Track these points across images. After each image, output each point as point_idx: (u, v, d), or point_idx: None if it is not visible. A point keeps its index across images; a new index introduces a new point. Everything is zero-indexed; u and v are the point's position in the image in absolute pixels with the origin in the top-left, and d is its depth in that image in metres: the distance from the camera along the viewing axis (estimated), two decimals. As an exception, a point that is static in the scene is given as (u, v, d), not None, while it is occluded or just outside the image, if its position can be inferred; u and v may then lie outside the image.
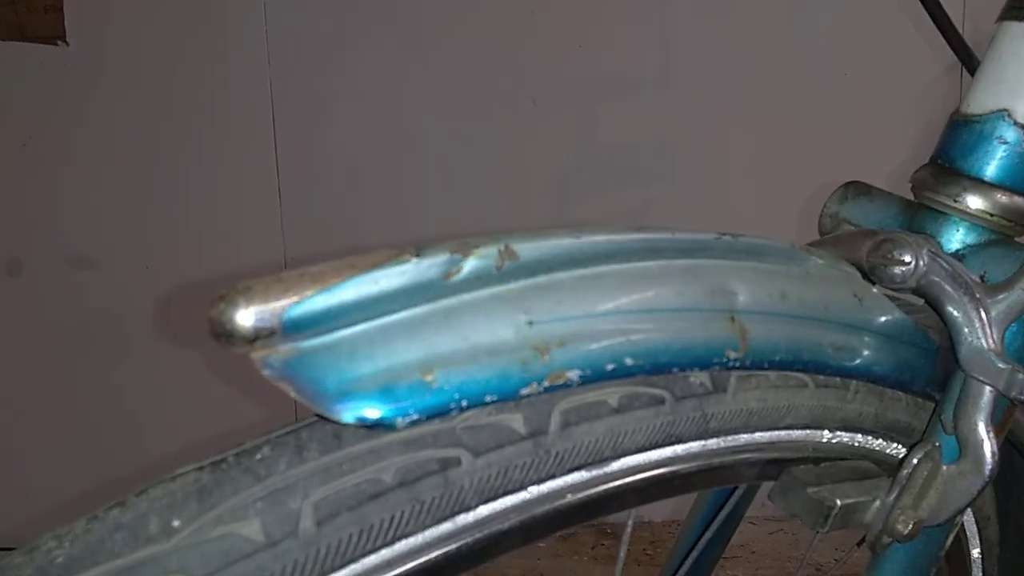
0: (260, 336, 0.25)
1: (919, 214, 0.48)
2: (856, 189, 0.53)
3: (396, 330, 0.28)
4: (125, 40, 1.56)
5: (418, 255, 0.28)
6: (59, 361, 1.65)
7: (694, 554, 0.52)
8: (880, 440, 0.49)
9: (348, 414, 0.27)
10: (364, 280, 0.27)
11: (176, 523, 0.27)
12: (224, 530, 0.27)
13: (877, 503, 0.44)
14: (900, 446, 0.50)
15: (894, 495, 0.43)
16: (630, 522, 0.42)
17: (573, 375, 0.31)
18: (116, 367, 1.65)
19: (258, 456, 0.29)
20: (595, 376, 0.31)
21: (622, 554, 0.43)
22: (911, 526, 0.43)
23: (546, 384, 0.30)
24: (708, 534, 0.52)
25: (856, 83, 1.66)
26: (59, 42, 1.55)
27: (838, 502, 0.42)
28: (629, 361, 0.32)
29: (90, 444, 1.66)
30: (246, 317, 0.25)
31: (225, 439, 0.30)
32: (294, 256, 1.63)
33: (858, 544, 0.46)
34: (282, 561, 0.28)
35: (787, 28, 1.64)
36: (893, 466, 0.46)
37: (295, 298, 0.26)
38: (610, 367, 0.32)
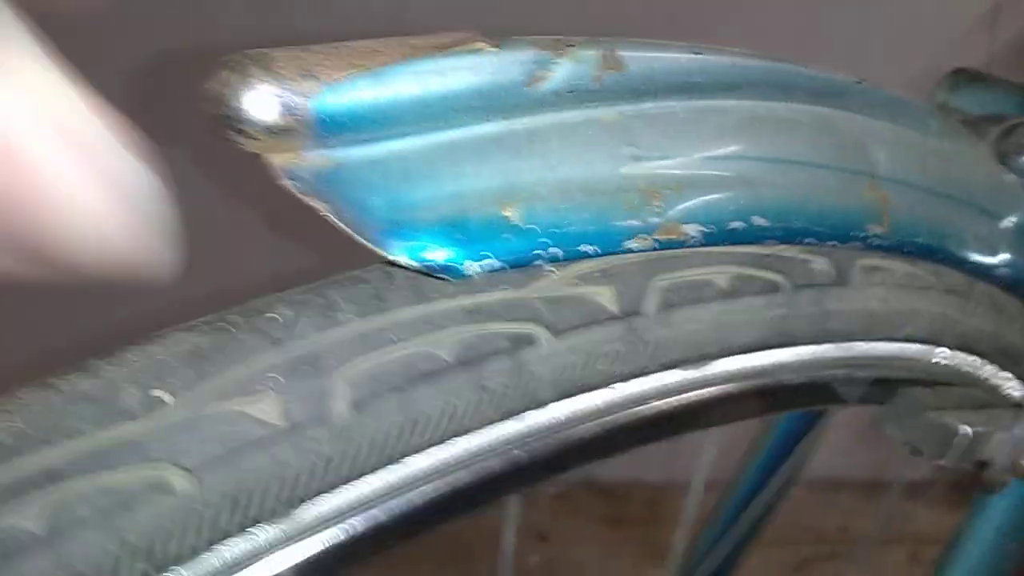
0: (284, 128, 0.18)
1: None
2: (968, 76, 0.46)
3: (465, 147, 0.21)
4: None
5: (498, 46, 0.21)
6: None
7: (764, 495, 0.45)
8: (992, 366, 0.43)
9: (404, 250, 0.19)
10: (426, 67, 0.19)
11: (161, 394, 0.19)
12: (227, 407, 0.20)
13: (1001, 435, 0.37)
14: (1011, 375, 0.43)
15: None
16: (704, 465, 0.36)
17: (693, 230, 0.23)
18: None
19: (271, 314, 0.21)
20: (719, 236, 0.24)
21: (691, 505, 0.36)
22: (1043, 462, 0.37)
23: (658, 237, 0.23)
24: (784, 469, 0.45)
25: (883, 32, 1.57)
26: None
27: (967, 429, 0.35)
28: (758, 221, 0.25)
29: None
30: (264, 96, 0.17)
31: (220, 299, 0.23)
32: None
33: (977, 482, 0.40)
34: (306, 455, 0.20)
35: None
36: (1003, 397, 0.40)
37: (333, 77, 0.18)
38: (735, 225, 0.24)
